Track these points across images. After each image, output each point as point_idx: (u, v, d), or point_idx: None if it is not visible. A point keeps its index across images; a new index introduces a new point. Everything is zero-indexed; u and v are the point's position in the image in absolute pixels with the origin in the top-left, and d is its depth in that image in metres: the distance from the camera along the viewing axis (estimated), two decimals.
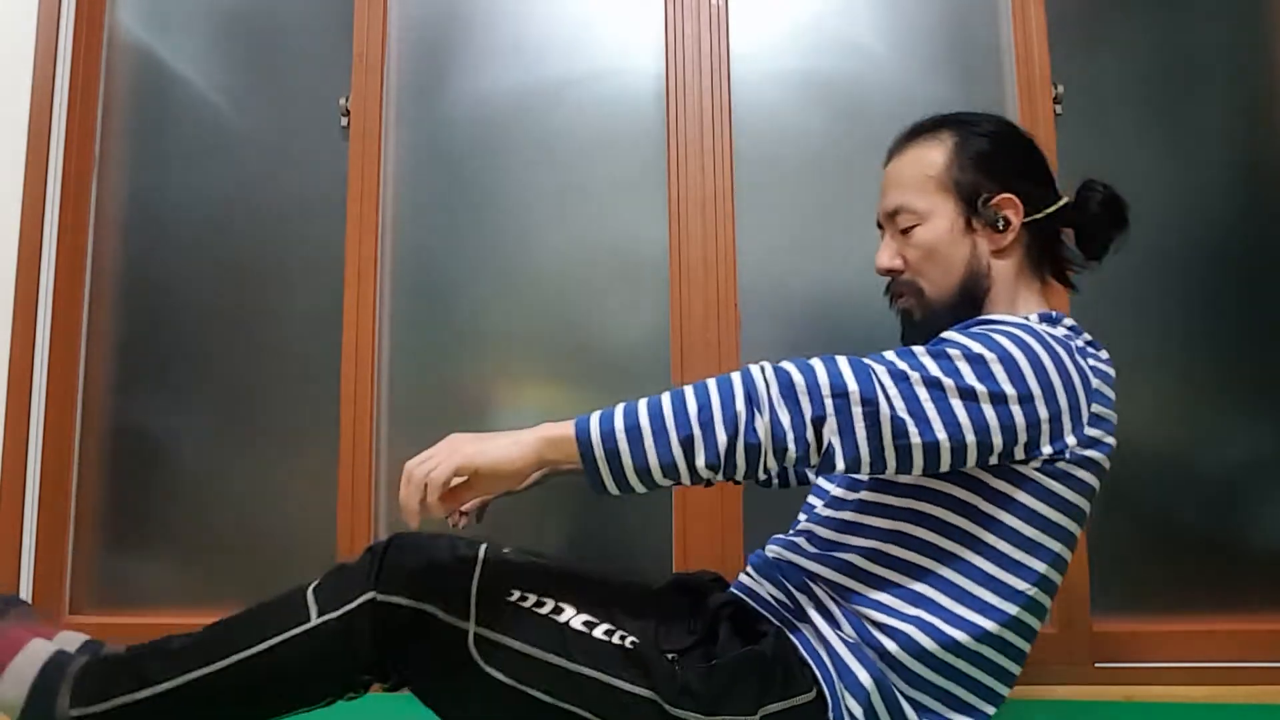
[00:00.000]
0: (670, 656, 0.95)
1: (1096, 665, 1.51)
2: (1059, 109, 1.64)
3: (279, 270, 1.77)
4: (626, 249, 1.69)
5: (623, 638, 0.96)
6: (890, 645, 0.94)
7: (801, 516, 1.18)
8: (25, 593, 1.68)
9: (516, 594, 0.97)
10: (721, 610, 1.03)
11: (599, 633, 0.96)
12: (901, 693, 0.95)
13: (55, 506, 1.72)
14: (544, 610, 0.97)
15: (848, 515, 1.03)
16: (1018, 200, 1.04)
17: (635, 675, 0.93)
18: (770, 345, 1.63)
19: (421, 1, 1.80)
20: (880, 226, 1.11)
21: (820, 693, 0.94)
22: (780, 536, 1.13)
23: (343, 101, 1.76)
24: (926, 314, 1.06)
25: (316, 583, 0.98)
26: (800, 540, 1.07)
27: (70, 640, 1.04)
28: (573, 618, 0.97)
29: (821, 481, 1.19)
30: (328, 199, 1.75)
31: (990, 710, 0.99)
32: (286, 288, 1.76)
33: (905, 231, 1.06)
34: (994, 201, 1.03)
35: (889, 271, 1.09)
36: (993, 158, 1.05)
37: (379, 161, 1.73)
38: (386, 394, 1.70)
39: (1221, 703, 1.44)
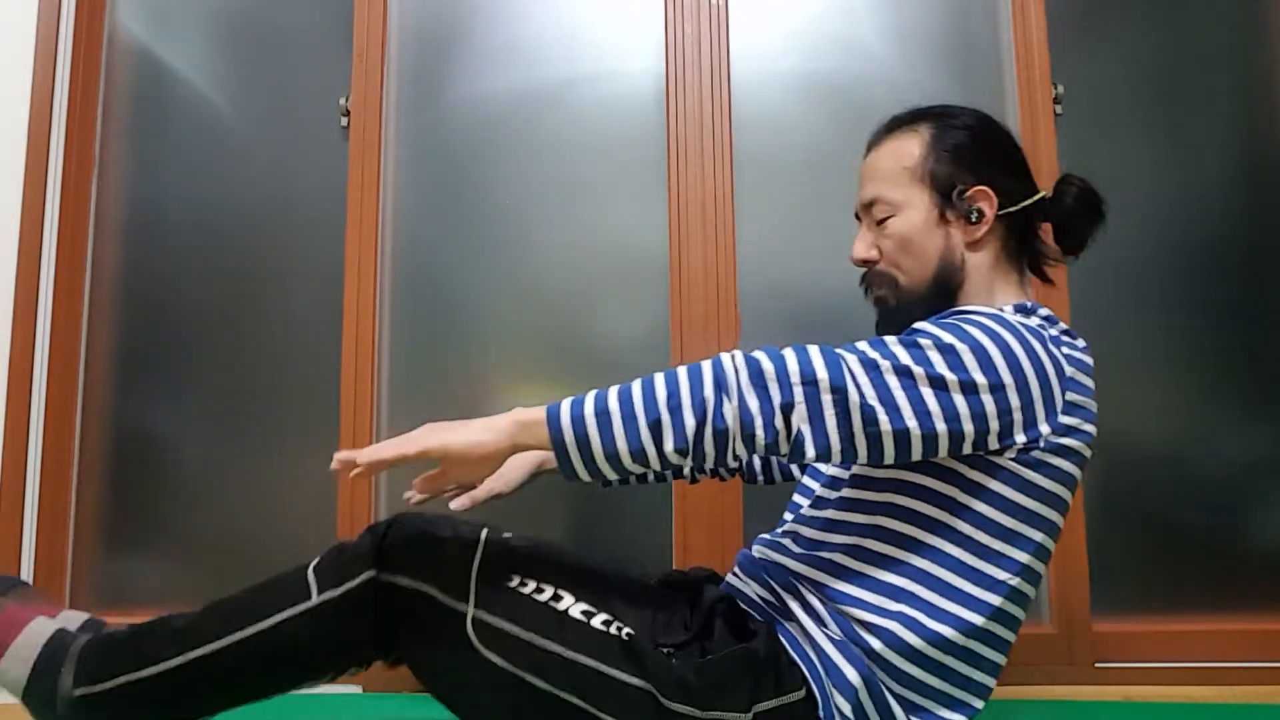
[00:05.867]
0: (666, 650, 0.96)
1: (1096, 665, 1.51)
2: (1059, 109, 1.64)
3: (279, 270, 1.77)
4: (626, 249, 1.69)
5: (619, 628, 0.96)
6: (876, 643, 0.94)
7: (787, 516, 1.18)
8: None
9: (516, 579, 0.98)
10: (716, 606, 1.03)
11: (597, 622, 0.97)
12: (890, 690, 0.95)
13: (55, 506, 1.72)
14: (543, 597, 0.97)
15: (830, 513, 1.04)
16: (992, 193, 1.03)
17: (631, 666, 0.93)
18: (770, 346, 1.63)
19: (421, 1, 1.80)
20: (858, 218, 1.11)
21: (810, 691, 0.95)
22: (765, 536, 1.14)
23: (343, 101, 1.76)
24: (901, 304, 1.06)
25: (317, 561, 0.99)
26: (786, 541, 1.08)
27: (72, 619, 1.05)
28: (571, 606, 0.97)
29: (807, 480, 1.20)
30: (328, 199, 1.75)
31: (979, 704, 0.99)
32: (286, 288, 1.76)
33: (880, 222, 1.07)
34: (968, 193, 1.03)
35: (864, 262, 1.09)
36: (969, 150, 1.05)
37: (379, 161, 1.73)
38: (386, 394, 1.70)
39: (1221, 703, 1.44)
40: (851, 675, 0.94)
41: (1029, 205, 1.06)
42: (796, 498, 1.19)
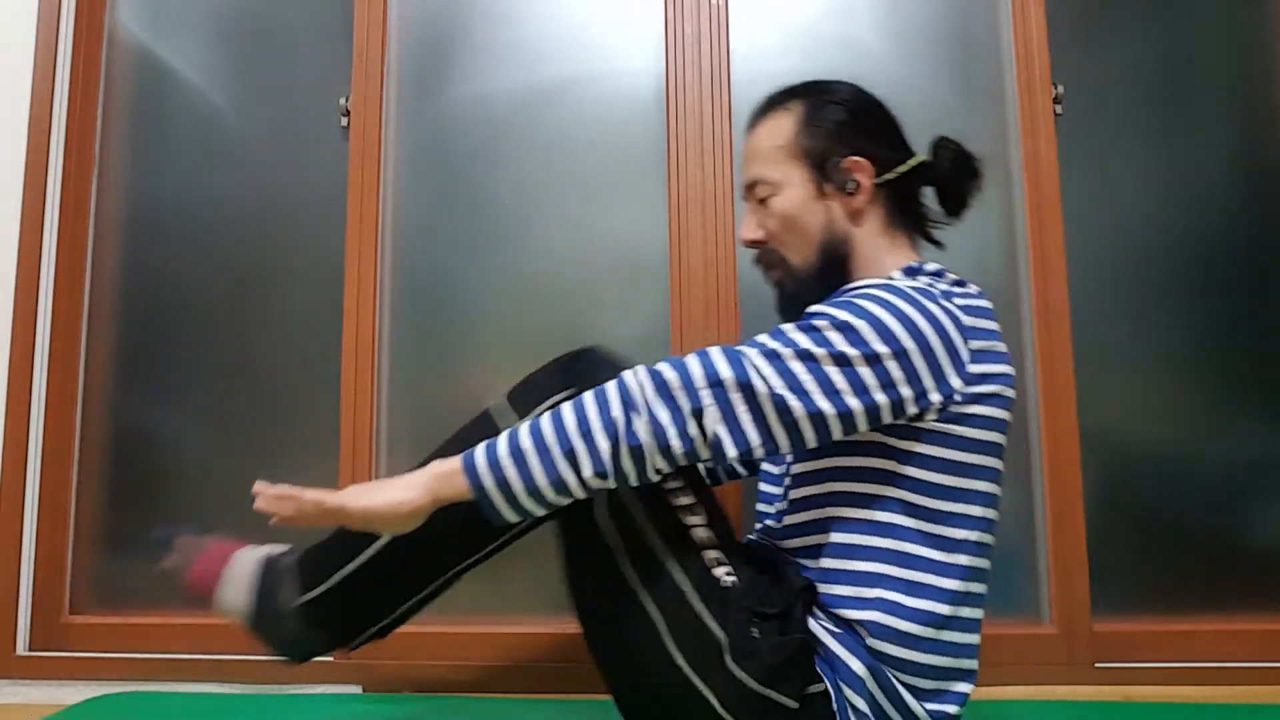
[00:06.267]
0: (752, 616, 0.96)
1: (1096, 665, 1.51)
2: (1059, 109, 1.64)
3: (279, 270, 1.77)
4: (626, 249, 1.69)
5: (725, 574, 0.97)
6: (868, 638, 0.95)
7: (757, 525, 1.19)
8: (25, 593, 1.68)
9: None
10: (803, 593, 1.03)
11: (710, 555, 0.97)
12: (897, 679, 0.96)
13: (55, 507, 1.72)
14: (679, 502, 0.98)
15: (789, 520, 1.05)
16: (866, 162, 1.05)
17: (717, 611, 0.94)
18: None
19: (421, 1, 1.80)
20: (745, 200, 1.12)
21: (826, 687, 0.95)
22: (751, 538, 1.14)
23: (343, 101, 1.76)
24: (795, 283, 1.08)
25: (507, 394, 1.04)
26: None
27: (276, 548, 1.09)
28: (697, 527, 0.98)
29: (763, 486, 1.20)
30: (328, 199, 1.75)
31: (974, 665, 0.99)
32: (286, 288, 1.76)
33: (763, 202, 1.08)
34: (842, 165, 1.05)
35: (752, 243, 1.10)
36: (841, 123, 1.06)
37: (379, 161, 1.73)
38: (386, 394, 1.70)
39: (1221, 703, 1.44)
40: (857, 667, 0.95)
41: (906, 171, 1.07)
42: (760, 506, 1.20)
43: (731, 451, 0.90)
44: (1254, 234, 1.63)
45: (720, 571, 0.96)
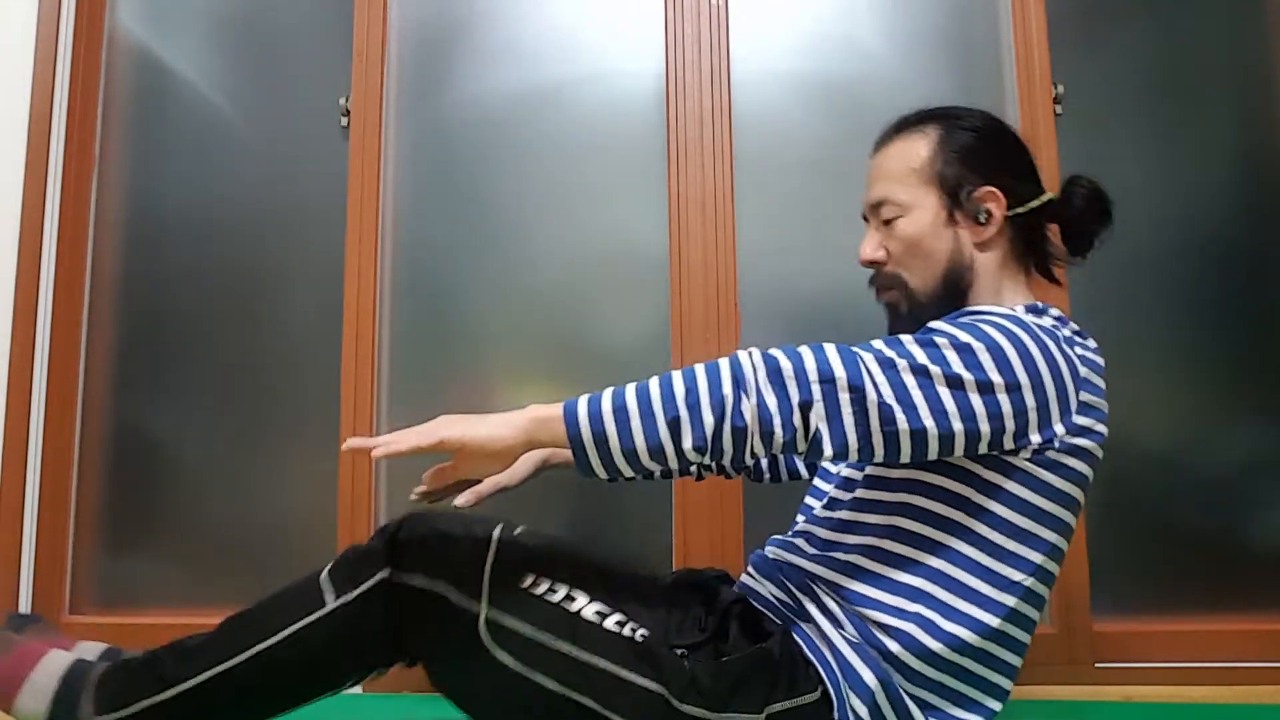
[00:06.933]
0: (680, 652, 0.96)
1: (1096, 665, 1.51)
2: (1059, 109, 1.64)
3: (279, 270, 1.77)
4: (626, 249, 1.69)
5: (633, 630, 0.96)
6: (893, 646, 0.94)
7: (800, 518, 1.18)
8: (25, 592, 1.68)
9: (530, 578, 0.97)
10: (732, 608, 1.03)
11: (610, 624, 0.96)
12: (906, 692, 0.95)
13: (55, 507, 1.72)
14: (556, 598, 0.96)
15: (844, 514, 1.04)
16: (1000, 193, 1.03)
17: (644, 668, 0.93)
18: (770, 346, 1.62)
19: (421, 2, 1.80)
20: (866, 219, 1.11)
21: (825, 692, 0.94)
22: (779, 537, 1.14)
23: (343, 101, 1.76)
24: (912, 307, 1.06)
25: (330, 566, 0.98)
26: (800, 541, 1.07)
27: (89, 650, 1.05)
28: (584, 607, 0.97)
29: (818, 482, 1.19)
30: (328, 199, 1.75)
31: (995, 706, 0.99)
32: (286, 287, 1.76)
33: (888, 223, 1.07)
34: (976, 194, 1.03)
35: (872, 263, 1.09)
36: (977, 151, 1.05)
37: (379, 162, 1.73)
38: (386, 393, 1.70)
39: (1221, 703, 1.44)
40: (868, 677, 0.94)
41: (1037, 206, 1.06)
42: (807, 499, 1.19)
43: (828, 450, 0.89)
44: (1254, 234, 1.62)
45: (627, 631, 0.96)
